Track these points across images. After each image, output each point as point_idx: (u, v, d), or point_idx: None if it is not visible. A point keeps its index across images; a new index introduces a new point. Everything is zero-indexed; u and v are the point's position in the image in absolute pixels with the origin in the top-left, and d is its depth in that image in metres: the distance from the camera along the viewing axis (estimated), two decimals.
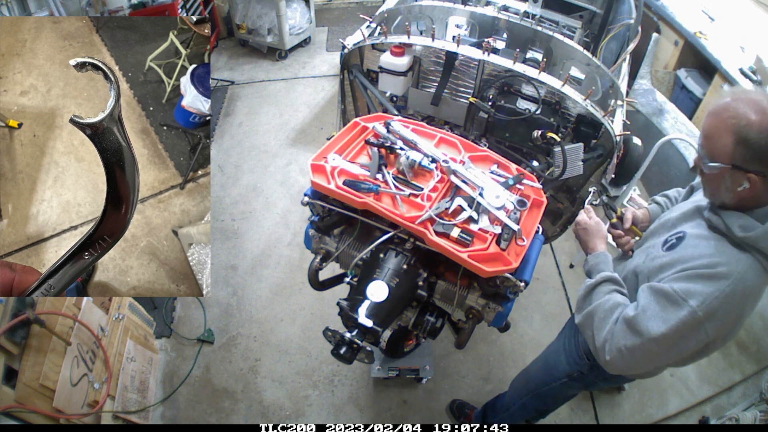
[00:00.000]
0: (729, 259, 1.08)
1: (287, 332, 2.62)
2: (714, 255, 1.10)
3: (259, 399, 2.38)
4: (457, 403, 2.32)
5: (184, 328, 2.63)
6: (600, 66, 1.96)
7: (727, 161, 1.05)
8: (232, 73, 4.59)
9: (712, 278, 1.07)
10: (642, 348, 1.12)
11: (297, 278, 2.85)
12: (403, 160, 1.42)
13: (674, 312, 1.09)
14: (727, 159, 1.05)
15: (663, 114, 3.72)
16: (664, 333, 1.09)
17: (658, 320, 1.10)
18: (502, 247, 1.27)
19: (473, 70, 2.06)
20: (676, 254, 1.18)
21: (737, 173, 1.05)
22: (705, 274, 1.08)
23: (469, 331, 1.43)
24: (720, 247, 1.11)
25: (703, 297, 1.06)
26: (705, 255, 1.11)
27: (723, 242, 1.12)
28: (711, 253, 1.11)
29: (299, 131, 3.91)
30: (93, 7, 3.70)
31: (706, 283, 1.07)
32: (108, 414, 1.88)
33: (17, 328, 1.53)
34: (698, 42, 3.43)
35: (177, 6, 3.86)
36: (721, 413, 2.32)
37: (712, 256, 1.10)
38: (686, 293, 1.08)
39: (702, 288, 1.07)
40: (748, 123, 1.00)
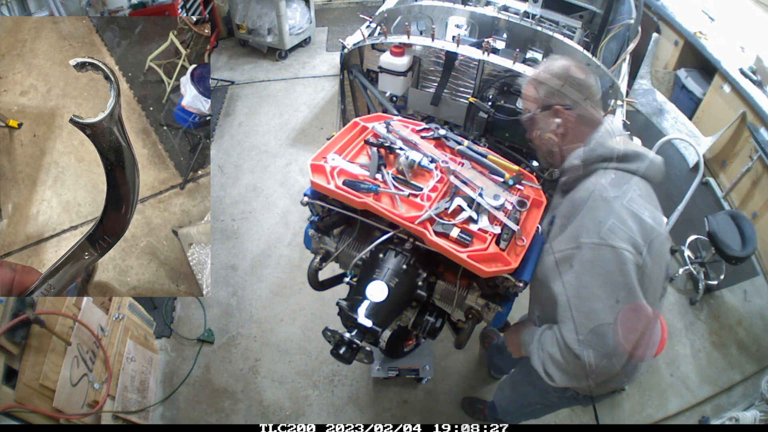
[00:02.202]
0: (582, 189, 1.16)
1: (287, 332, 2.62)
2: (573, 196, 1.16)
3: (259, 399, 2.38)
4: (468, 399, 2.33)
5: (184, 328, 2.63)
6: (600, 66, 1.96)
7: (535, 106, 1.27)
8: (232, 73, 4.59)
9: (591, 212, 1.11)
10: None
11: (297, 278, 2.85)
12: (403, 160, 1.42)
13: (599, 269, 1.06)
14: (534, 104, 1.27)
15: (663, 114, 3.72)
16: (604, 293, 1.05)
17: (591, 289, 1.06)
18: (501, 248, 1.26)
19: (473, 70, 2.07)
20: (556, 230, 1.22)
21: (547, 113, 1.24)
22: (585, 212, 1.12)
23: (468, 331, 1.42)
24: (577, 190, 1.17)
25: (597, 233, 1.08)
26: (577, 203, 1.15)
27: (577, 187, 1.19)
28: (579, 197, 1.15)
29: (299, 131, 3.91)
30: (93, 7, 3.70)
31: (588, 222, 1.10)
32: (108, 414, 1.89)
33: (17, 328, 1.53)
34: (698, 42, 3.43)
35: (177, 6, 3.86)
36: (721, 413, 2.32)
37: (581, 198, 1.15)
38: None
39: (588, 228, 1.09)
40: (542, 70, 1.27)
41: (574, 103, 1.20)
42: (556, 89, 1.21)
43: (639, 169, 1.15)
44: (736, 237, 2.49)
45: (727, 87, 3.19)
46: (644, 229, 1.07)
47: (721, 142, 3.27)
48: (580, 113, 1.21)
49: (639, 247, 1.05)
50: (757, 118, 2.94)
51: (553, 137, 1.25)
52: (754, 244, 2.44)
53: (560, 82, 1.21)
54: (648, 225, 1.08)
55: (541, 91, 1.24)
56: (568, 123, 1.22)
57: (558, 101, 1.21)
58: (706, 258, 2.81)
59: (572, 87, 1.21)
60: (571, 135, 1.22)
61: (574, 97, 1.20)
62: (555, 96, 1.22)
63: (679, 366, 2.53)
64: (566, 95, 1.21)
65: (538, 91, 1.24)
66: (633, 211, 1.07)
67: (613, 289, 1.04)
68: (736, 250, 2.42)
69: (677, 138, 3.12)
